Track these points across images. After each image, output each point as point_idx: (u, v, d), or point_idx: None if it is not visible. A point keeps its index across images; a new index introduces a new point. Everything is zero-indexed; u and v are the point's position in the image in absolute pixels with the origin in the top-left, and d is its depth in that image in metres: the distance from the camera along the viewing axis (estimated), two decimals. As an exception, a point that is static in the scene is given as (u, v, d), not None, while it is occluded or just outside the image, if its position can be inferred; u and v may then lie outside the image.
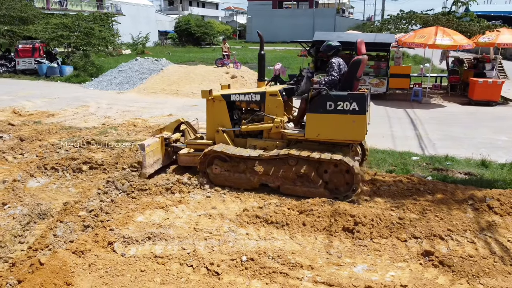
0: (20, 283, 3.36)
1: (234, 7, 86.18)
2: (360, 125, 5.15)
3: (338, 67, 5.53)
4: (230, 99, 6.02)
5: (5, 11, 21.61)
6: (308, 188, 5.33)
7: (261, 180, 5.50)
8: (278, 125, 5.67)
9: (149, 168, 5.94)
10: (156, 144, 6.11)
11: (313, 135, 5.37)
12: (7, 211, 4.80)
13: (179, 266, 3.79)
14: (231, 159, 5.60)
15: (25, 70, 19.65)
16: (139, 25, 40.89)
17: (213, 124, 6.08)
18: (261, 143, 5.80)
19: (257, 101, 5.91)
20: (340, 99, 5.15)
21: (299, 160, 5.29)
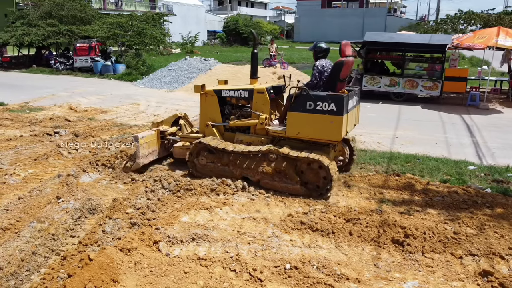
0: (70, 277, 3.47)
1: (282, 6, 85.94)
2: (338, 125, 5.23)
3: (322, 69, 5.70)
4: (221, 94, 6.24)
5: (67, 12, 22.82)
6: (286, 184, 5.50)
7: (243, 173, 5.72)
8: (263, 121, 5.85)
9: (143, 158, 6.24)
10: (151, 136, 6.44)
11: (293, 133, 5.53)
12: (60, 205, 5.01)
13: (222, 269, 3.76)
14: (217, 152, 5.83)
15: (82, 67, 20.67)
16: (189, 25, 41.83)
17: (205, 118, 6.34)
18: (247, 138, 6.00)
19: (246, 98, 6.09)
20: (320, 99, 5.28)
21: (278, 157, 5.47)
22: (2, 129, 8.80)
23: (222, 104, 6.32)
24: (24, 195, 5.29)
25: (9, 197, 5.28)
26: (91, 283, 3.36)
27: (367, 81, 13.64)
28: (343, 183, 5.87)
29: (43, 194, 5.33)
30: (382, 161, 6.92)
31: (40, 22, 21.99)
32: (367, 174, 6.25)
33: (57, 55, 22.63)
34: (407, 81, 13.20)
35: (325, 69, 5.70)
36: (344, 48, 5.57)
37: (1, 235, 4.27)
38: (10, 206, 4.98)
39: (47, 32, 21.52)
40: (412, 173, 6.31)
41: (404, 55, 13.63)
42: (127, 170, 6.19)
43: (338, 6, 60.50)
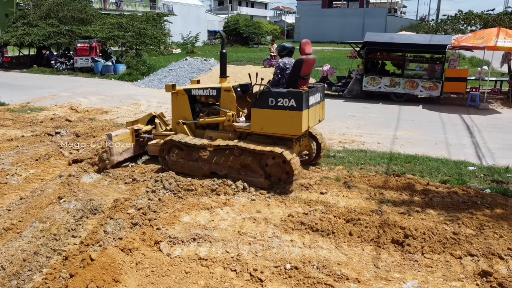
0: (72, 277, 3.50)
1: (282, 6, 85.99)
2: (298, 120, 5.42)
3: (283, 67, 5.91)
4: (191, 93, 6.47)
5: (67, 12, 22.86)
6: (251, 177, 5.71)
7: (211, 169, 5.94)
8: (230, 118, 6.06)
9: (117, 156, 6.46)
10: (125, 134, 6.69)
11: (257, 129, 5.73)
12: (62, 205, 5.03)
13: (223, 270, 3.79)
14: (186, 148, 6.06)
15: (83, 68, 20.71)
16: (189, 25, 41.87)
17: (177, 116, 6.56)
18: (216, 135, 6.18)
19: (214, 96, 6.31)
20: (280, 96, 5.48)
21: (243, 151, 5.69)
22: (4, 130, 8.83)
23: (193, 102, 6.54)
24: (26, 195, 5.32)
25: (11, 197, 5.31)
26: (93, 283, 3.39)
27: (367, 82, 13.67)
28: (343, 183, 5.90)
29: (45, 194, 5.35)
30: (382, 161, 6.94)
31: (40, 22, 22.03)
32: (367, 175, 6.27)
33: (57, 55, 22.66)
34: (407, 81, 13.23)
35: (287, 66, 5.90)
36: (304, 47, 5.79)
37: (3, 235, 4.30)
38: (12, 206, 5.01)
39: (47, 32, 21.56)
40: (412, 173, 6.33)
41: (405, 56, 13.66)
42: (102, 167, 6.36)
43: (338, 6, 60.49)
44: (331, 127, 9.72)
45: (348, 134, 9.02)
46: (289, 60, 5.99)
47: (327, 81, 14.98)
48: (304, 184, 5.80)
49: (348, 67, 17.65)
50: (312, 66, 6.05)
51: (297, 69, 5.67)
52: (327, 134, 8.99)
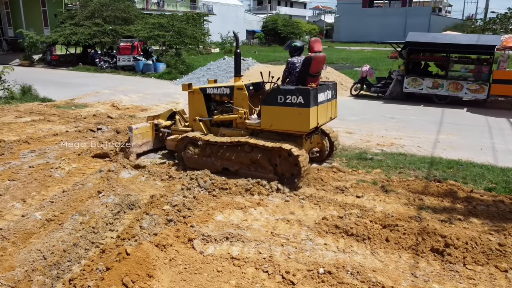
0: (108, 270, 3.58)
1: (322, 6, 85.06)
2: (305, 117, 5.49)
3: (292, 65, 6.02)
4: (206, 92, 6.68)
5: (111, 12, 23.67)
6: (260, 173, 5.84)
7: (223, 164, 6.11)
8: (242, 116, 6.19)
9: (136, 148, 6.85)
10: (146, 128, 7.06)
11: (267, 126, 5.84)
12: (101, 199, 5.19)
13: (255, 270, 3.76)
14: (200, 144, 6.23)
15: (124, 66, 21.36)
16: (228, 25, 42.20)
17: (193, 114, 6.78)
18: (229, 132, 6.33)
19: (228, 94, 6.49)
20: (289, 93, 5.56)
21: (253, 148, 5.80)
22: (50, 125, 9.24)
23: (208, 101, 6.73)
24: (67, 189, 5.52)
25: (54, 190, 5.53)
26: (128, 277, 3.46)
27: (408, 83, 13.25)
28: (381, 187, 5.72)
29: (85, 188, 5.54)
30: (422, 166, 6.69)
31: (86, 22, 22.93)
32: (406, 179, 6.06)
33: (101, 54, 23.49)
34: (451, 83, 12.71)
35: (296, 65, 5.98)
36: (313, 44, 5.89)
37: (46, 226, 4.48)
38: (55, 198, 5.21)
39: (93, 32, 22.41)
40: (455, 179, 6.05)
41: (449, 56, 13.12)
42: (126, 156, 6.76)
43: (379, 5, 59.12)
44: (369, 129, 9.49)
45: (386, 137, 8.77)
46: (298, 59, 6.05)
47: (366, 82, 14.65)
48: (339, 187, 5.69)
49: (388, 67, 17.18)
50: (322, 64, 6.11)
51: (306, 67, 5.73)
52: (364, 136, 8.79)
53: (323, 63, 6.16)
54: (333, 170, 6.38)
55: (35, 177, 5.92)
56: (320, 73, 6.06)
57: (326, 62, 18.64)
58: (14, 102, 11.88)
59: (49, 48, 24.65)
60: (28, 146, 7.42)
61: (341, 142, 8.17)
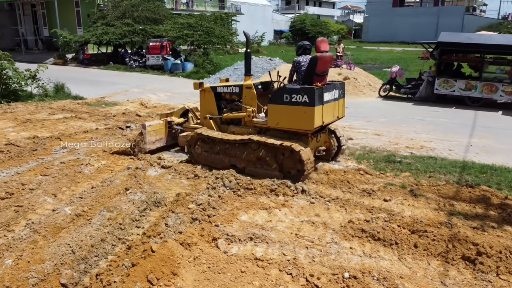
0: (133, 266, 3.63)
1: (351, 5, 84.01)
2: (310, 116, 5.56)
3: (297, 65, 6.12)
4: (216, 90, 6.87)
5: (141, 12, 24.12)
6: (266, 170, 5.94)
7: (231, 161, 6.24)
8: (250, 114, 6.32)
9: (149, 144, 7.07)
10: (159, 125, 7.25)
11: (274, 124, 5.94)
12: (128, 196, 5.27)
13: (279, 272, 3.73)
14: (210, 141, 6.41)
15: (153, 65, 21.71)
16: (256, 25, 42.28)
17: (204, 112, 6.99)
18: (238, 130, 6.45)
19: (237, 93, 6.64)
20: (294, 92, 5.65)
21: (259, 145, 5.92)
22: (80, 122, 9.49)
23: (218, 99, 6.91)
24: (96, 185, 5.64)
25: (84, 186, 5.66)
26: (153, 274, 3.49)
27: (439, 84, 12.88)
28: (409, 191, 5.57)
29: (113, 185, 5.64)
30: (453, 170, 6.47)
31: (117, 22, 23.45)
32: (436, 184, 5.88)
33: (131, 53, 23.97)
34: (485, 85, 12.27)
35: (302, 64, 6.08)
36: (320, 44, 5.91)
37: (75, 221, 4.59)
38: (84, 194, 5.34)
39: (123, 32, 22.89)
40: (488, 185, 5.83)
41: (483, 57, 12.67)
42: (140, 151, 6.98)
43: (410, 4, 57.83)
44: (397, 131, 9.28)
45: (416, 139, 8.54)
46: (304, 58, 6.14)
47: (396, 83, 14.35)
48: (366, 190, 5.57)
49: (418, 68, 16.77)
50: (329, 64, 6.16)
51: (312, 66, 5.79)
52: (393, 138, 8.60)
53: (330, 62, 6.21)
54: (360, 173, 6.27)
55: (66, 172, 6.08)
56: (327, 72, 6.12)
57: (354, 63, 18.41)
58: (48, 100, 12.27)
59: (82, 47, 25.34)
60: (60, 143, 7.64)
61: (369, 143, 8.03)
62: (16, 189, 5.45)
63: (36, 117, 9.86)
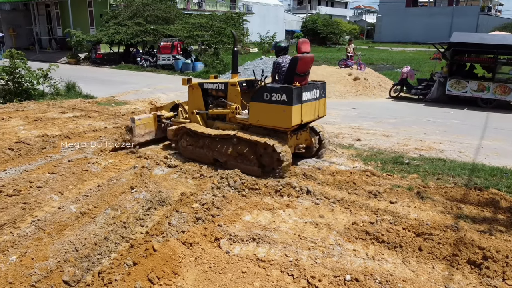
0: (134, 265, 3.65)
1: (363, 5, 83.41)
2: (288, 114, 5.72)
3: (278, 65, 6.32)
4: (204, 87, 7.10)
5: (152, 12, 24.28)
6: (246, 165, 6.12)
7: (214, 156, 6.46)
8: (233, 110, 6.58)
9: (138, 137, 7.34)
10: (148, 119, 7.49)
11: (254, 121, 6.15)
12: (133, 195, 5.30)
13: (280, 273, 3.71)
14: (195, 136, 6.65)
15: (164, 65, 21.83)
16: (267, 25, 42.25)
17: (192, 107, 7.22)
18: (223, 126, 6.73)
19: (222, 90, 6.85)
20: (274, 91, 5.83)
21: (240, 141, 6.15)
22: (90, 121, 9.58)
23: (205, 95, 7.12)
24: (102, 183, 5.69)
25: (90, 184, 5.71)
26: (153, 273, 3.51)
27: (451, 85, 12.70)
28: (416, 193, 5.50)
29: (119, 184, 5.68)
30: (462, 172, 6.37)
31: (129, 21, 23.64)
32: (444, 186, 5.79)
33: (143, 53, 24.14)
34: (498, 86, 12.05)
35: (282, 64, 6.27)
36: (301, 46, 6.05)
37: (80, 219, 4.63)
38: (90, 192, 5.38)
39: (135, 31, 23.06)
40: (498, 188, 5.71)
41: (497, 58, 12.45)
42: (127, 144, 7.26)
43: (424, 4, 57.13)
44: (407, 132, 9.18)
45: (425, 141, 8.43)
46: (284, 59, 6.33)
47: (406, 84, 14.19)
48: (372, 191, 5.52)
49: (430, 69, 16.55)
50: (310, 64, 6.27)
51: (293, 67, 5.93)
52: (402, 139, 8.50)
53: (311, 63, 6.32)
54: (366, 174, 6.21)
55: (73, 171, 6.14)
56: (308, 72, 6.25)
57: (365, 63, 18.24)
58: (59, 98, 12.42)
59: (94, 47, 25.60)
60: (69, 141, 7.72)
61: (377, 145, 7.95)
62: (24, 186, 5.52)
63: (47, 115, 9.99)
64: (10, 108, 10.73)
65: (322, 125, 7.13)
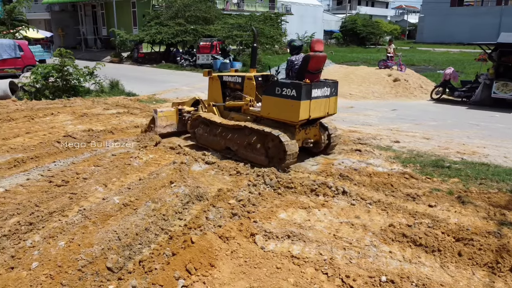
0: (173, 255, 3.79)
1: (405, 5, 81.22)
2: (296, 109, 5.96)
3: (291, 63, 6.62)
4: (223, 79, 7.57)
5: (193, 12, 24.79)
6: (255, 154, 6.47)
7: (226, 144, 6.90)
8: (247, 103, 6.94)
9: (160, 128, 7.86)
10: (170, 112, 8.00)
11: (266, 113, 6.45)
12: (172, 189, 5.47)
13: (314, 271, 3.73)
14: (210, 124, 7.16)
15: (203, 64, 22.24)
16: (306, 25, 42.04)
17: (210, 99, 7.75)
18: (238, 117, 7.11)
19: (239, 83, 7.26)
20: (285, 86, 6.09)
21: (251, 131, 6.48)
22: (132, 117, 9.94)
23: (224, 87, 7.57)
24: (143, 177, 5.90)
25: (132, 178, 5.94)
26: (191, 264, 3.63)
27: (497, 88, 12.19)
28: (457, 198, 5.35)
29: (159, 178, 5.88)
30: (507, 178, 6.12)
31: (170, 22, 24.26)
32: (487, 191, 5.59)
33: (182, 53, 24.70)
34: (549, 89, 11.45)
35: (295, 62, 6.55)
36: (314, 45, 6.29)
37: (122, 210, 4.84)
38: (132, 185, 5.60)
39: (175, 31, 23.65)
40: (545, 195, 5.46)
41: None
42: (150, 134, 7.81)
43: (470, 4, 54.92)
44: (448, 135, 8.91)
45: (468, 145, 8.15)
46: (297, 57, 6.60)
47: (449, 85, 13.74)
48: (410, 194, 5.42)
49: (475, 71, 15.93)
50: (322, 63, 6.46)
51: (305, 65, 6.14)
52: (443, 142, 8.26)
53: (323, 62, 6.52)
54: (405, 176, 6.10)
55: (116, 164, 6.41)
56: (320, 71, 6.47)
57: (405, 64, 17.81)
58: (103, 95, 12.96)
59: (136, 46, 26.47)
60: (112, 136, 8.06)
61: (417, 147, 7.77)
62: (71, 177, 5.83)
63: (92, 111, 10.45)
64: (59, 104, 11.31)
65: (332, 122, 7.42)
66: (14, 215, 4.63)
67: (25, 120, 9.29)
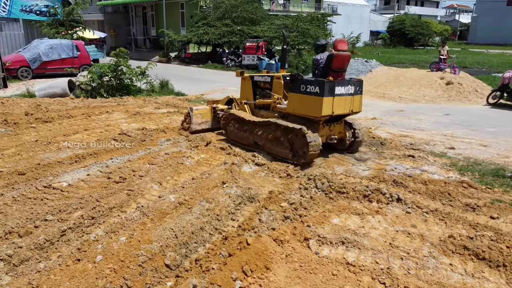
0: (229, 256, 3.85)
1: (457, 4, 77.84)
2: (319, 105, 6.23)
3: (316, 62, 6.86)
4: (254, 79, 8.01)
5: (240, 13, 25.05)
6: (280, 148, 6.84)
7: (254, 139, 7.30)
8: (275, 101, 7.40)
9: (195, 125, 8.39)
10: (205, 110, 8.60)
11: (291, 110, 6.80)
12: (225, 190, 5.56)
13: (371, 280, 3.66)
14: (240, 121, 7.56)
15: (249, 65, 22.41)
16: (352, 25, 41.33)
17: (242, 97, 8.18)
18: (266, 114, 7.57)
19: (269, 82, 7.72)
20: (309, 83, 6.39)
21: (276, 127, 6.86)
22: (182, 117, 10.17)
23: (255, 87, 8.02)
24: (196, 177, 6.03)
25: (185, 177, 6.09)
26: (247, 265, 3.67)
27: None
28: (521, 210, 5.06)
29: (212, 178, 5.99)
30: None
31: (217, 22, 24.64)
32: (554, 205, 5.25)
33: (228, 53, 25.02)
34: None
35: (320, 61, 6.76)
36: (337, 44, 6.59)
37: (178, 208, 4.97)
38: (185, 184, 5.75)
39: (222, 32, 23.99)
40: None
41: None
42: (185, 130, 8.42)
43: (529, 3, 51.72)
44: (508, 143, 8.45)
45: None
46: (322, 55, 6.81)
47: (508, 90, 13.02)
48: (470, 204, 5.19)
49: (537, 74, 14.98)
50: (346, 62, 6.67)
51: (329, 63, 6.42)
52: (503, 150, 7.85)
53: (347, 61, 6.71)
54: (463, 185, 5.85)
55: (170, 163, 6.60)
56: (344, 69, 6.70)
57: (459, 66, 17.07)
58: (154, 95, 13.38)
59: (184, 46, 27.10)
60: (164, 135, 8.30)
61: (474, 154, 7.44)
62: (128, 174, 6.06)
63: (144, 110, 10.82)
64: (112, 102, 11.79)
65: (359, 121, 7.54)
66: (78, 209, 4.88)
67: (82, 117, 9.77)
